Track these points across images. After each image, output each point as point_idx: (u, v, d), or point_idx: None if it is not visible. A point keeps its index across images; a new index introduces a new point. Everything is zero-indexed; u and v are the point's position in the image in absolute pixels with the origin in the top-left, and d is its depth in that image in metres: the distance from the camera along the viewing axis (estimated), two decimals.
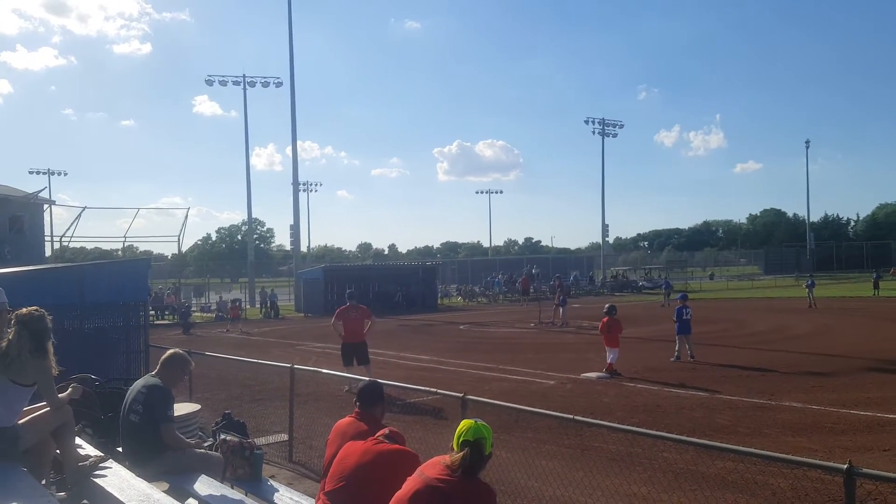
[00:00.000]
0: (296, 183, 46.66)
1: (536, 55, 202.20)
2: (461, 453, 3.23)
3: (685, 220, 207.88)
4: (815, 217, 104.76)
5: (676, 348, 15.69)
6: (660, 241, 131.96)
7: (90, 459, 4.67)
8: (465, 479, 3.21)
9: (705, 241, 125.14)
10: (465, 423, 3.34)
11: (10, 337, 4.53)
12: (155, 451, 5.17)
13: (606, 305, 15.38)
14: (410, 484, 3.29)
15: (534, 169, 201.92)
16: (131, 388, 5.56)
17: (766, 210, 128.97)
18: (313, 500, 4.56)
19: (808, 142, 77.59)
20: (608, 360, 14.01)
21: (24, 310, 4.69)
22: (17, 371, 4.48)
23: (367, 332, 13.24)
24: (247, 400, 11.87)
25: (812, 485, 6.34)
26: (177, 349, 5.75)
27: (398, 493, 3.31)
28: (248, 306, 41.48)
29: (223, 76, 50.45)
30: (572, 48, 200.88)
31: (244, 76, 49.75)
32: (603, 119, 66.32)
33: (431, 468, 3.29)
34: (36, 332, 4.59)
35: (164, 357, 5.55)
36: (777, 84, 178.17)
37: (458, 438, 3.29)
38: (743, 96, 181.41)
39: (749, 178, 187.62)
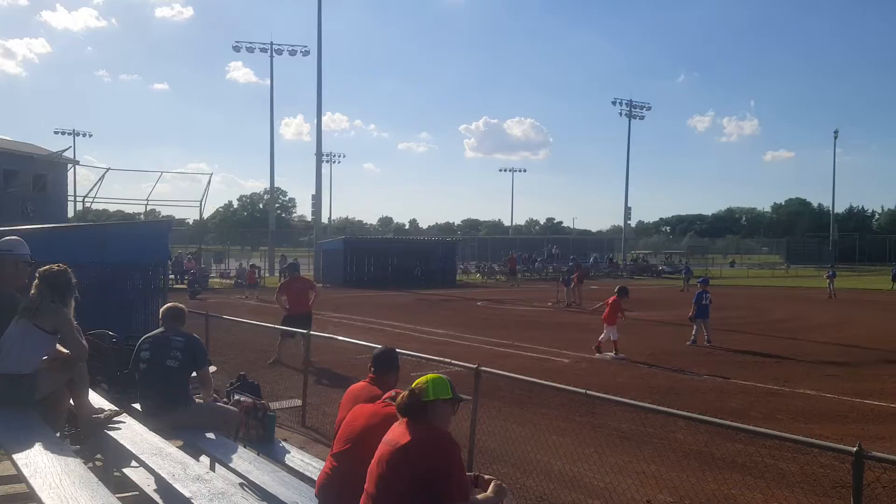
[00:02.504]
0: (319, 153, 46.68)
1: (576, 34, 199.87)
2: (401, 396, 3.44)
3: (709, 206, 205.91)
4: (841, 208, 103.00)
5: (693, 332, 15.60)
6: (682, 226, 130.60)
7: (104, 412, 4.76)
8: (418, 428, 3.28)
9: (728, 228, 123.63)
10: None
11: (34, 290, 4.71)
12: (183, 399, 5.46)
13: (617, 287, 15.36)
14: (377, 451, 3.39)
15: (563, 149, 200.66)
16: (147, 340, 5.69)
17: (790, 199, 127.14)
18: (324, 463, 4.62)
19: (836, 131, 75.80)
20: (612, 339, 13.90)
21: (45, 267, 4.82)
22: (41, 317, 4.64)
23: (311, 304, 13.36)
24: (262, 365, 12.01)
25: (821, 470, 6.30)
26: (169, 304, 6.00)
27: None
28: (267, 274, 41.83)
29: (251, 43, 50.21)
30: (612, 28, 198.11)
31: (271, 43, 49.54)
32: (630, 100, 65.54)
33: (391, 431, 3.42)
34: (57, 286, 4.72)
35: (165, 313, 5.79)
36: (815, 72, 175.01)
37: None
38: (780, 83, 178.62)
39: (779, 166, 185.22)
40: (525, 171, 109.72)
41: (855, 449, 3.48)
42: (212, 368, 7.69)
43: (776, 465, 6.39)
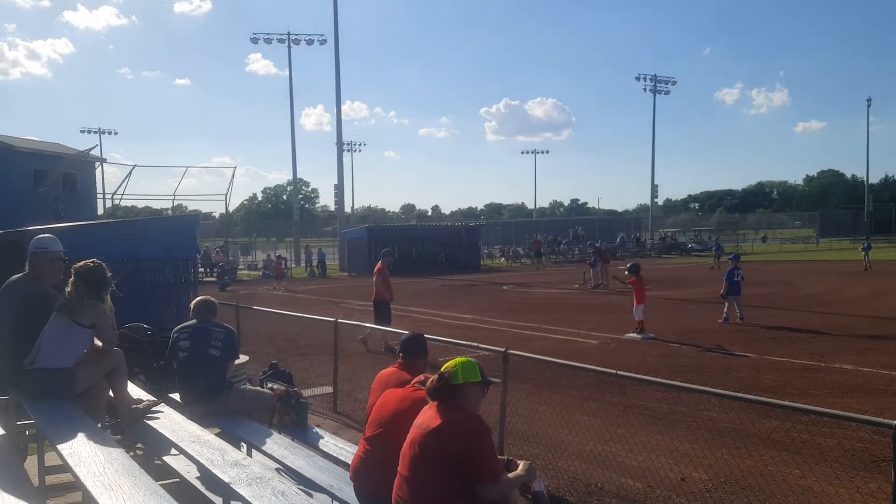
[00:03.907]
0: (339, 143, 46.82)
1: (596, 9, 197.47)
2: (431, 380, 3.48)
3: (739, 181, 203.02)
4: (875, 178, 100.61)
5: (725, 309, 15.42)
6: (711, 202, 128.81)
7: (143, 403, 4.86)
8: (449, 411, 3.33)
9: (759, 202, 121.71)
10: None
11: (70, 287, 4.82)
12: (224, 386, 5.61)
13: (629, 265, 15.21)
14: (409, 434, 3.43)
15: (587, 128, 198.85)
16: (185, 331, 5.77)
17: (823, 171, 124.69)
18: (357, 447, 4.67)
19: (869, 99, 73.98)
20: (637, 318, 13.81)
21: (80, 263, 4.92)
22: (79, 313, 4.75)
23: (378, 293, 13.53)
24: (293, 354, 12.15)
25: (860, 444, 6.23)
26: (201, 297, 6.13)
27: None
28: (293, 265, 42.22)
29: (268, 34, 50.21)
30: (634, 1, 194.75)
31: (289, 34, 49.58)
32: (655, 75, 64.58)
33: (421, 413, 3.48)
34: (93, 282, 4.83)
35: (200, 305, 5.87)
36: (846, 39, 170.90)
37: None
38: (810, 52, 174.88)
39: (810, 137, 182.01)
40: (548, 152, 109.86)
41: (895, 422, 3.43)
42: (244, 358, 7.81)
43: (813, 441, 6.31)
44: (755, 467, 5.82)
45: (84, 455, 3.61)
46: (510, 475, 3.44)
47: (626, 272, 14.57)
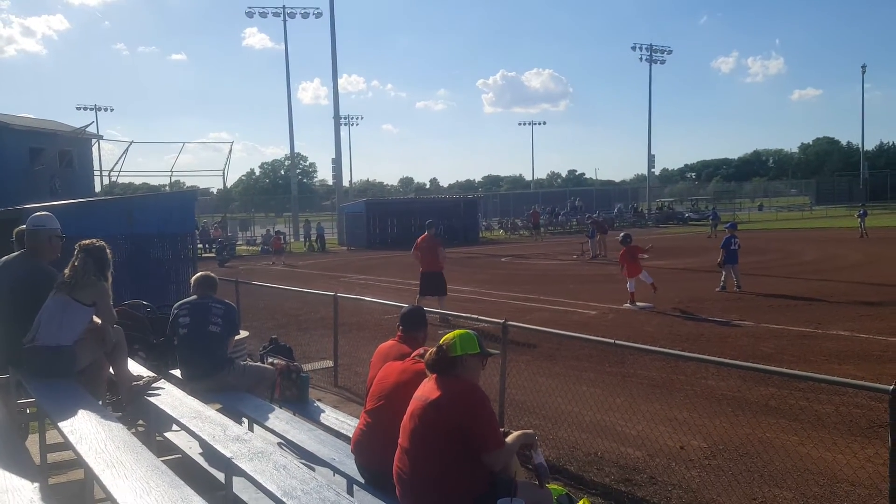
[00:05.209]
0: (337, 117, 46.41)
1: None
2: (429, 352, 3.51)
3: (736, 150, 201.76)
4: (871, 145, 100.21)
5: (722, 278, 15.46)
6: (708, 171, 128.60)
7: (143, 379, 4.86)
8: (448, 382, 3.36)
9: (755, 171, 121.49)
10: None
11: (76, 263, 4.82)
12: (225, 362, 5.61)
13: (620, 234, 15.16)
14: (409, 407, 3.46)
15: (584, 98, 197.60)
16: (184, 306, 5.76)
17: (818, 139, 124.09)
18: (357, 420, 4.69)
19: (864, 66, 73.30)
20: (630, 290, 13.83)
21: (86, 241, 4.95)
22: (79, 291, 4.76)
23: (442, 262, 13.95)
24: (293, 328, 12.18)
25: (857, 410, 6.28)
26: (201, 272, 6.14)
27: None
28: (292, 240, 42.17)
29: (263, 8, 49.59)
30: None
31: (284, 7, 48.96)
32: (651, 45, 64.02)
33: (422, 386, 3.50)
34: (99, 260, 4.87)
35: (200, 281, 5.88)
36: (841, 6, 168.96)
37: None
38: (806, 19, 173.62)
39: (806, 105, 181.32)
40: (545, 123, 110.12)
41: (891, 387, 3.44)
42: (244, 333, 7.83)
43: (811, 408, 6.36)
44: (753, 434, 5.87)
45: (85, 432, 3.62)
46: (508, 439, 3.48)
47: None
